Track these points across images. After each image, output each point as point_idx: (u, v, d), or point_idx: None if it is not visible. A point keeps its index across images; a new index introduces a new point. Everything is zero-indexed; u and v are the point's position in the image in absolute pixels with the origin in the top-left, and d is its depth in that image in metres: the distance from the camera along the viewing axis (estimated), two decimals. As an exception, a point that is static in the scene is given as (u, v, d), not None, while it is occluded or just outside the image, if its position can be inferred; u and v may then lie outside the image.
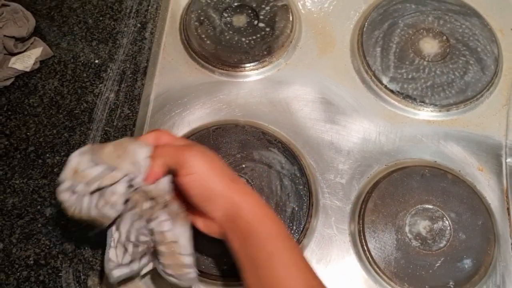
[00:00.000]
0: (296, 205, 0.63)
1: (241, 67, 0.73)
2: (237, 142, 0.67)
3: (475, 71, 0.72)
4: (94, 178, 0.49)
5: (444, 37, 0.74)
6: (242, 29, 0.76)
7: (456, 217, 0.63)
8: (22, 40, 0.76)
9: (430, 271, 0.60)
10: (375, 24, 0.75)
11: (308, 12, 0.79)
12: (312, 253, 0.62)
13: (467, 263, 0.60)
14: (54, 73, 0.76)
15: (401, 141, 0.69)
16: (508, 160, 0.67)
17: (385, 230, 0.62)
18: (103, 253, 0.60)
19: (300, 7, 0.79)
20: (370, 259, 0.61)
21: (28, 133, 0.72)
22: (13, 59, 0.74)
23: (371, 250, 0.61)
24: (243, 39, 0.75)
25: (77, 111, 0.73)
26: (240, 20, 0.77)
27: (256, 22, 0.76)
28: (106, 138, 0.71)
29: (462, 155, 0.68)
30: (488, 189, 0.66)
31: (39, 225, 0.66)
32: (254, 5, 0.77)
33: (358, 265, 0.62)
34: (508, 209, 0.64)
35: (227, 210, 0.48)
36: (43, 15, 0.80)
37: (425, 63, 0.72)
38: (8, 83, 0.74)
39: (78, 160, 0.51)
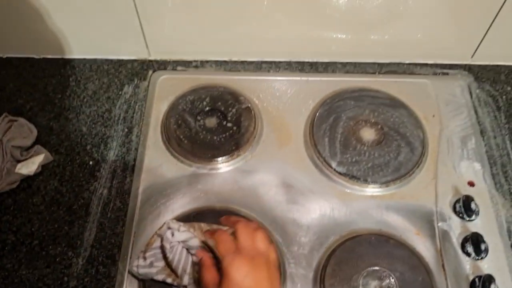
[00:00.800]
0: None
1: (214, 161, 0.87)
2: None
3: (406, 152, 0.87)
4: None
5: (379, 126, 0.91)
6: (214, 129, 0.91)
7: (400, 275, 0.75)
8: (26, 148, 0.89)
9: (382, 323, 0.71)
10: (322, 118, 0.91)
11: (267, 111, 0.95)
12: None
13: (412, 315, 0.72)
14: (54, 175, 0.88)
15: (351, 214, 0.83)
16: (439, 224, 0.81)
17: (343, 291, 0.74)
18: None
19: (261, 108, 0.95)
20: (332, 318, 0.72)
21: (32, 229, 0.83)
22: (19, 165, 0.87)
23: (333, 309, 0.73)
24: (215, 137, 0.90)
25: (75, 207, 0.85)
26: (211, 122, 0.92)
27: (225, 122, 0.91)
28: (101, 229, 0.82)
29: (402, 222, 0.82)
30: (425, 249, 0.79)
31: (44, 310, 0.75)
32: (222, 109, 0.93)
33: (322, 324, 0.73)
34: (443, 265, 0.77)
35: None
36: (44, 125, 0.94)
37: (365, 148, 0.88)
38: (14, 186, 0.86)
39: None
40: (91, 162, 0.90)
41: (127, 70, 1.02)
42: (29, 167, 0.87)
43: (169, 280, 0.71)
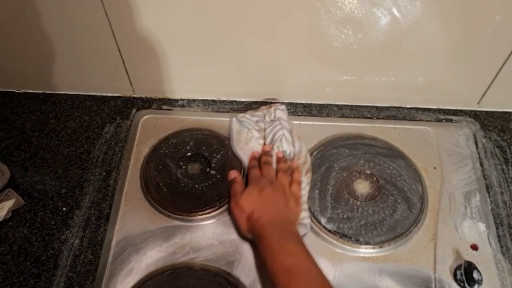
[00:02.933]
0: None
1: (194, 213, 0.81)
2: (189, 285, 0.73)
3: (403, 209, 0.80)
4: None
5: (375, 178, 0.84)
6: (196, 176, 0.85)
7: None
8: (-2, 191, 0.84)
9: None
10: (314, 167, 0.85)
11: (255, 157, 0.88)
12: None
13: None
14: (24, 221, 0.83)
15: (340, 278, 0.75)
16: (438, 292, 0.73)
17: None
18: None
19: (249, 155, 0.89)
20: None
21: (-4, 282, 0.77)
22: (-13, 210, 0.81)
23: None
24: (196, 186, 0.83)
25: (43, 258, 0.79)
26: (194, 168, 0.86)
27: (208, 169, 0.85)
28: (69, 284, 0.76)
29: (396, 288, 0.74)
30: (421, 321, 0.72)
31: None
32: (206, 154, 0.87)
33: None
34: None
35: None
36: (18, 165, 0.89)
37: (358, 203, 0.81)
38: (-20, 233, 0.81)
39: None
40: (64, 208, 0.84)
41: (110, 107, 0.97)
42: (-2, 212, 0.82)
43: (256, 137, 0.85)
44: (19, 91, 1.00)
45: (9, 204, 0.83)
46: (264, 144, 0.86)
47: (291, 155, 0.85)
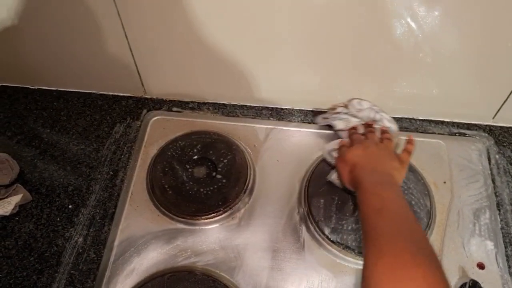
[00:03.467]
0: None
1: (197, 217, 0.81)
2: (189, 289, 0.73)
3: (409, 223, 0.78)
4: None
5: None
6: (202, 180, 0.84)
7: None
8: (5, 186, 0.85)
9: None
10: (321, 176, 0.84)
11: (262, 164, 0.88)
12: None
13: None
14: (30, 217, 0.84)
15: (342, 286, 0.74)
16: (441, 311, 0.71)
17: None
18: None
19: (255, 160, 0.88)
20: None
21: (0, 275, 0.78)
22: (-5, 204, 0.83)
23: None
24: (201, 189, 0.83)
25: (47, 254, 0.80)
26: (200, 171, 0.86)
27: (214, 173, 0.85)
28: (70, 281, 0.77)
29: (398, 305, 0.73)
30: None
31: None
32: (213, 158, 0.86)
33: None
34: None
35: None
36: (28, 161, 0.90)
37: (364, 214, 0.79)
38: (-12, 226, 0.82)
39: None
40: (70, 206, 0.85)
41: (121, 107, 0.97)
42: (5, 207, 0.83)
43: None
44: (34, 87, 1.01)
45: (16, 199, 0.84)
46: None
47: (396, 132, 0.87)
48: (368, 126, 0.86)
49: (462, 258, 0.77)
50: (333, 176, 0.82)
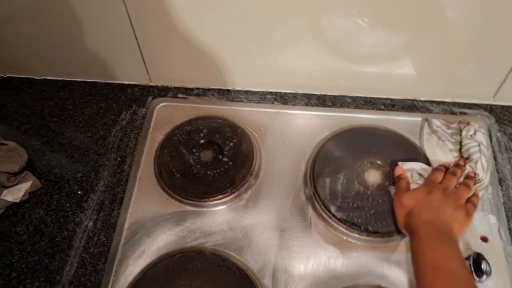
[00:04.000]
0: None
1: (206, 199, 0.82)
2: (199, 269, 0.74)
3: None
4: None
5: (386, 169, 0.84)
6: (208, 163, 0.86)
7: None
8: (14, 174, 0.86)
9: None
10: (325, 157, 0.85)
11: (267, 147, 0.89)
12: None
13: None
14: (40, 203, 0.85)
15: (348, 266, 0.76)
16: (447, 283, 0.73)
17: None
18: None
19: (261, 143, 0.89)
20: None
21: (12, 259, 0.79)
22: (5, 191, 0.84)
23: None
24: (209, 172, 0.84)
25: (58, 239, 0.81)
26: (207, 155, 0.87)
27: (221, 157, 0.86)
28: (82, 264, 0.78)
29: (404, 279, 0.74)
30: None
31: None
32: (219, 142, 0.88)
33: None
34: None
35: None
36: (36, 149, 0.91)
37: (369, 192, 0.81)
38: (-1, 213, 0.83)
39: None
40: (79, 192, 0.86)
41: (127, 95, 0.98)
42: (15, 194, 0.84)
43: None
44: (39, 78, 1.02)
45: (26, 186, 0.85)
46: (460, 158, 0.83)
47: (482, 182, 0.80)
48: (457, 166, 0.80)
49: (466, 232, 0.78)
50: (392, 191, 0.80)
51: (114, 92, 0.99)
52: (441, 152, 0.84)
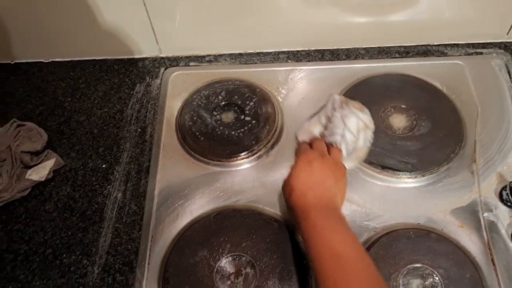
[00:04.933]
0: (296, 281, 0.68)
1: (233, 158, 0.81)
2: (236, 225, 0.74)
3: (442, 138, 0.80)
4: None
5: (410, 112, 0.84)
6: (231, 124, 0.85)
7: (444, 272, 0.67)
8: (36, 153, 0.85)
9: (428, 326, 0.64)
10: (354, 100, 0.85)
11: (287, 103, 0.89)
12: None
13: (462, 315, 0.64)
14: (66, 180, 0.84)
15: (385, 208, 0.75)
16: (485, 214, 0.73)
17: (381, 293, 0.67)
18: None
19: (280, 100, 0.89)
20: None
21: (45, 237, 0.78)
22: (29, 171, 0.83)
23: (371, 313, 0.65)
24: (233, 132, 0.84)
25: (88, 212, 0.80)
26: (228, 117, 0.86)
27: (242, 116, 0.85)
28: (117, 234, 0.77)
29: (443, 214, 0.74)
30: (471, 243, 0.71)
31: (60, 323, 0.70)
32: (239, 102, 0.87)
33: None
34: (492, 260, 0.69)
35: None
36: (54, 130, 0.90)
37: (396, 136, 0.81)
38: (25, 193, 0.82)
39: None
40: (104, 165, 0.85)
41: (138, 69, 0.97)
42: (40, 172, 0.83)
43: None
44: (47, 61, 1.01)
45: (50, 163, 0.84)
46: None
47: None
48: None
49: (498, 165, 0.78)
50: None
51: (125, 67, 0.98)
52: (313, 124, 0.77)
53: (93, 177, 0.84)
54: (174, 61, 0.98)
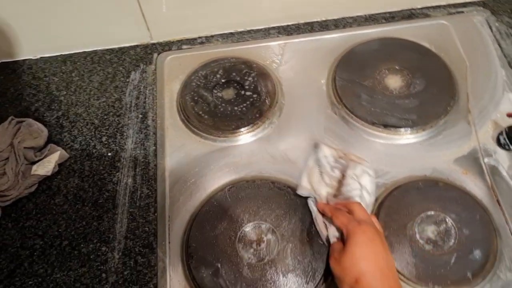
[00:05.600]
0: (317, 241, 0.71)
1: (239, 132, 0.83)
2: (252, 196, 0.75)
3: (436, 94, 0.83)
4: None
5: (404, 72, 0.87)
6: (233, 100, 0.86)
7: (456, 217, 0.71)
8: (39, 149, 0.84)
9: (448, 267, 0.67)
10: (343, 73, 0.87)
11: (284, 75, 0.90)
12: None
13: (477, 253, 0.68)
14: (73, 172, 0.83)
15: (391, 165, 0.78)
16: (486, 160, 0.77)
17: (399, 242, 0.70)
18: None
19: (277, 73, 0.90)
20: (394, 270, 0.67)
21: (60, 230, 0.78)
22: (35, 166, 0.82)
23: (392, 262, 0.68)
24: (236, 108, 0.85)
25: (101, 201, 0.80)
26: (229, 93, 0.87)
27: (243, 92, 0.87)
28: (132, 219, 0.77)
29: (446, 164, 0.78)
30: (476, 188, 0.75)
31: (88, 310, 0.70)
32: (238, 79, 0.88)
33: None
34: (497, 201, 0.73)
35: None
36: (53, 124, 0.89)
37: (394, 95, 0.84)
38: (32, 189, 0.81)
39: None
40: (109, 154, 0.85)
41: (131, 56, 0.97)
42: (46, 166, 0.82)
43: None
44: (36, 57, 0.99)
45: (55, 157, 0.83)
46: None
47: None
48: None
49: (491, 113, 0.82)
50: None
51: (117, 56, 0.98)
52: (317, 183, 0.75)
53: (100, 166, 0.84)
54: (166, 46, 0.98)
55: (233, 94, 0.87)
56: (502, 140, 0.77)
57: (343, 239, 0.64)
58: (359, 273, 0.57)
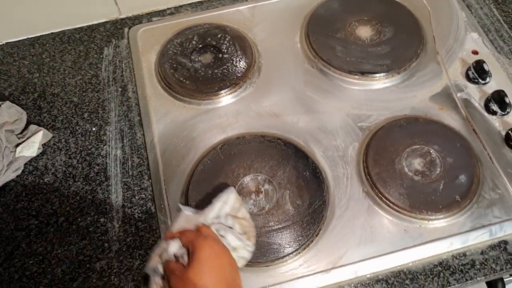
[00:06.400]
0: (313, 184, 0.73)
1: (223, 93, 0.84)
2: (244, 151, 0.77)
3: (405, 40, 0.88)
4: None
5: (373, 22, 0.90)
6: (212, 63, 0.87)
7: (439, 148, 0.75)
8: (21, 131, 0.82)
9: (438, 194, 0.71)
10: (316, 29, 0.90)
11: (259, 36, 0.92)
12: (339, 219, 0.72)
13: (463, 178, 0.73)
14: (58, 151, 0.82)
15: (372, 108, 0.82)
16: (458, 94, 0.82)
17: (391, 177, 0.73)
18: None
19: (251, 34, 0.92)
20: (389, 203, 0.71)
21: (53, 207, 0.77)
22: (19, 148, 0.80)
23: (386, 195, 0.72)
24: (216, 71, 0.86)
25: (92, 175, 0.79)
26: (207, 58, 0.88)
27: (221, 55, 0.88)
28: (127, 188, 0.77)
29: (423, 103, 0.82)
30: (453, 121, 0.80)
31: (94, 280, 0.70)
32: (214, 43, 0.89)
33: (380, 213, 0.72)
34: (473, 130, 0.78)
35: None
36: (30, 107, 0.87)
37: (366, 44, 0.87)
38: (19, 172, 0.80)
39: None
40: (94, 128, 0.84)
41: (101, 33, 0.96)
42: (30, 147, 0.81)
43: None
44: (1, 43, 0.96)
45: (38, 137, 0.82)
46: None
47: None
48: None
49: (457, 52, 0.87)
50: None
51: (87, 34, 0.96)
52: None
53: (86, 141, 0.83)
54: (136, 20, 0.98)
55: (211, 58, 0.88)
56: (471, 75, 0.83)
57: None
58: (205, 286, 0.53)
